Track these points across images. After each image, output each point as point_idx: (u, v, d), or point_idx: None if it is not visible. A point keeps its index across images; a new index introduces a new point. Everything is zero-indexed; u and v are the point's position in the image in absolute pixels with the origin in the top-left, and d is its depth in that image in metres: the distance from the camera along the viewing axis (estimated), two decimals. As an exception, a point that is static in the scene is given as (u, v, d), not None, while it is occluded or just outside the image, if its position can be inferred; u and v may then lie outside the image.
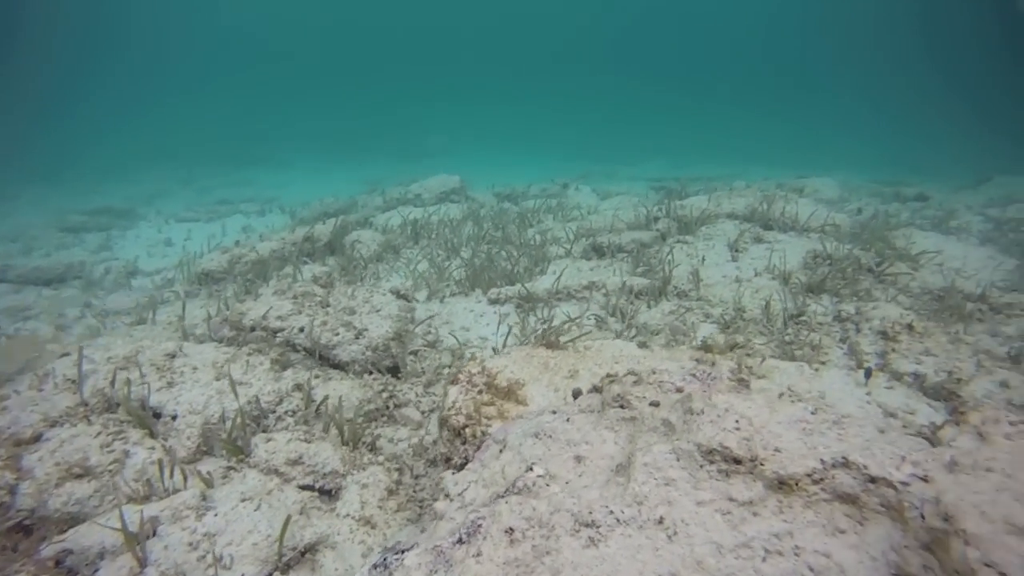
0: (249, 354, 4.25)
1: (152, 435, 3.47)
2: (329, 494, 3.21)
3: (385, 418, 3.87)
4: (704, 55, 67.58)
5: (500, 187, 13.28)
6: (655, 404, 2.25)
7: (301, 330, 4.51)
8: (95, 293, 7.27)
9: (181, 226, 11.97)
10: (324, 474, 3.23)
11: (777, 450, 1.86)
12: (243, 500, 2.99)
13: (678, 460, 1.89)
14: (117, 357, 4.02)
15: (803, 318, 4.69)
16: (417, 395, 4.05)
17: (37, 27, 47.37)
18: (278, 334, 4.55)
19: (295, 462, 3.25)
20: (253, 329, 4.65)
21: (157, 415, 3.64)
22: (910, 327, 4.22)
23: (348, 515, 2.93)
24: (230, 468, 3.29)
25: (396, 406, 3.93)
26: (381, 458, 3.33)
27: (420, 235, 8.24)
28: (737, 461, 1.84)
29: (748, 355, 3.67)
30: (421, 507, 2.98)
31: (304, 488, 3.19)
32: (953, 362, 3.85)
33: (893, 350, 4.09)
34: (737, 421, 1.92)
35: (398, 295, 5.17)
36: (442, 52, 70.80)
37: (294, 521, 2.89)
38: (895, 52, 54.02)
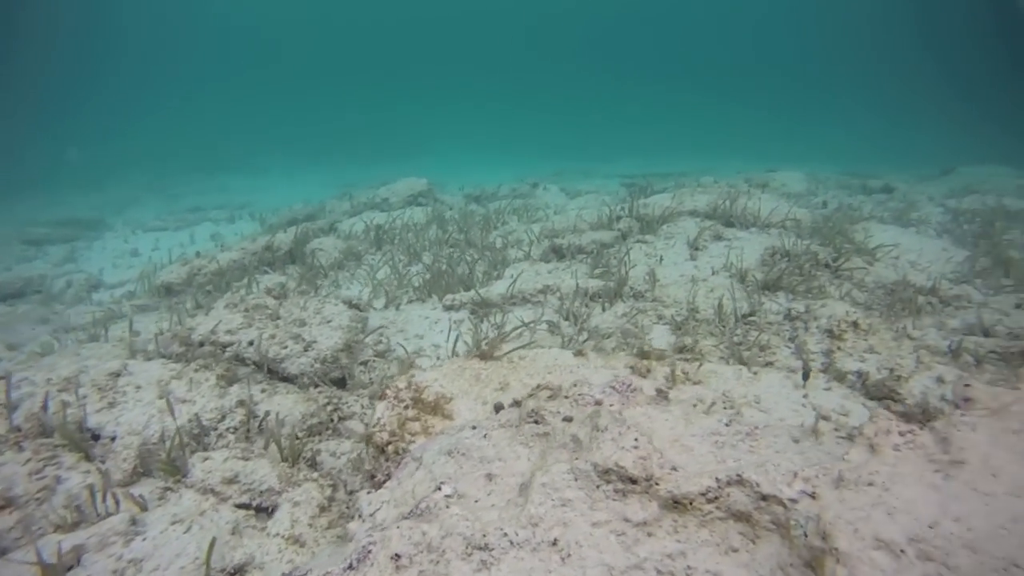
0: (195, 370, 4.20)
1: (88, 458, 3.41)
2: (267, 512, 3.18)
3: (330, 431, 3.83)
4: (684, 52, 67.89)
5: (471, 188, 13.23)
6: (568, 419, 2.23)
7: (250, 344, 4.46)
8: (54, 308, 7.15)
9: (149, 236, 11.80)
10: (261, 492, 3.20)
11: (674, 468, 1.85)
12: (174, 523, 2.96)
13: (576, 480, 1.88)
14: (58, 378, 3.95)
15: (753, 318, 4.70)
16: (363, 407, 4.02)
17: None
18: (227, 348, 4.49)
19: (231, 480, 3.22)
20: (202, 344, 4.59)
21: (96, 437, 3.58)
22: (855, 324, 4.24)
23: (278, 534, 2.90)
24: (167, 489, 3.26)
25: (341, 419, 3.90)
26: (316, 475, 3.30)
27: (383, 240, 8.17)
28: (633, 481, 1.83)
29: (687, 360, 3.67)
30: (352, 525, 2.95)
31: (241, 507, 3.16)
32: (895, 359, 3.88)
33: (839, 348, 4.11)
34: (636, 439, 1.91)
35: (350, 305, 5.13)
36: (423, 52, 70.57)
37: (225, 542, 2.86)
38: (879, 42, 54.54)
